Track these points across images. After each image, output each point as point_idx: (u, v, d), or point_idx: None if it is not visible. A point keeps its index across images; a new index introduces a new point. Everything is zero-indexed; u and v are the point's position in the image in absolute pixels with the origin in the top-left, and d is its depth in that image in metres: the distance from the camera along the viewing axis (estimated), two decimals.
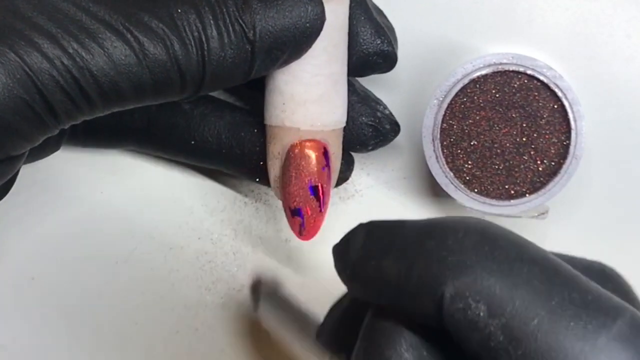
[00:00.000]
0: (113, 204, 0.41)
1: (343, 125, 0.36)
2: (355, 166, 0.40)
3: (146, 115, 0.38)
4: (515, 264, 0.21)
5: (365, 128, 0.37)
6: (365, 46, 0.36)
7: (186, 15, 0.30)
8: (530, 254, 0.22)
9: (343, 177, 0.38)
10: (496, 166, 0.38)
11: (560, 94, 0.38)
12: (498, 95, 0.38)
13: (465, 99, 0.38)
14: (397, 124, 0.38)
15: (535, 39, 0.40)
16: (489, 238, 0.22)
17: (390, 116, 0.38)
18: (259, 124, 0.37)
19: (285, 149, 0.35)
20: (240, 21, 0.31)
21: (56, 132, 0.31)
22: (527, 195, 0.38)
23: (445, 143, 0.38)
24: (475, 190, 0.38)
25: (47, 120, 0.29)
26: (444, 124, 0.38)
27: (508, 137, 0.38)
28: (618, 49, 0.40)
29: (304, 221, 0.36)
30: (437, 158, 0.38)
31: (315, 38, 0.33)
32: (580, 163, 0.38)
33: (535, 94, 0.38)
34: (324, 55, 0.34)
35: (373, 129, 0.37)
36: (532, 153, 0.38)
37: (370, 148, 0.38)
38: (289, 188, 0.35)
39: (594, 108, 0.40)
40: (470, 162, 0.39)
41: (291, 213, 0.36)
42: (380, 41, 0.36)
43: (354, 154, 0.39)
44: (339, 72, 0.35)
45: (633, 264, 0.28)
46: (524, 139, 0.38)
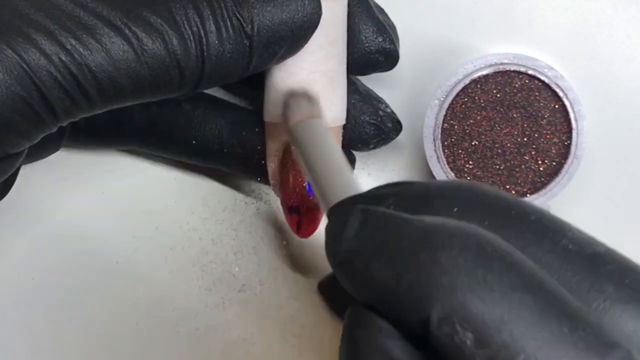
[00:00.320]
0: (113, 204, 0.41)
1: (342, 123, 0.36)
2: (356, 166, 0.39)
3: (147, 115, 0.38)
4: (507, 293, 0.21)
5: (367, 126, 0.37)
6: (367, 44, 0.36)
7: (184, 10, 0.30)
8: (524, 281, 0.21)
9: None
10: (497, 166, 0.38)
11: (561, 94, 0.38)
12: (499, 95, 0.38)
13: (466, 99, 0.38)
14: (399, 123, 0.38)
15: (536, 39, 0.40)
16: (484, 258, 0.21)
17: (392, 115, 0.38)
18: (261, 123, 0.37)
19: (283, 146, 0.35)
20: (238, 15, 0.31)
21: (54, 130, 0.31)
22: (528, 195, 0.38)
23: (446, 143, 0.38)
24: None
25: (45, 117, 0.29)
26: (445, 124, 0.38)
27: (509, 137, 0.38)
28: (618, 49, 0.40)
29: (301, 219, 0.36)
30: (438, 158, 0.38)
31: (312, 32, 0.33)
32: (581, 163, 0.38)
33: (536, 94, 0.38)
34: (320, 52, 0.34)
35: (375, 127, 0.37)
36: (533, 153, 0.38)
37: (372, 146, 0.38)
38: (286, 185, 0.35)
39: (594, 108, 0.40)
40: (471, 162, 0.38)
41: (288, 210, 0.36)
42: (382, 39, 0.36)
43: (356, 152, 0.39)
44: (336, 70, 0.35)
45: None
46: (525, 139, 0.38)
